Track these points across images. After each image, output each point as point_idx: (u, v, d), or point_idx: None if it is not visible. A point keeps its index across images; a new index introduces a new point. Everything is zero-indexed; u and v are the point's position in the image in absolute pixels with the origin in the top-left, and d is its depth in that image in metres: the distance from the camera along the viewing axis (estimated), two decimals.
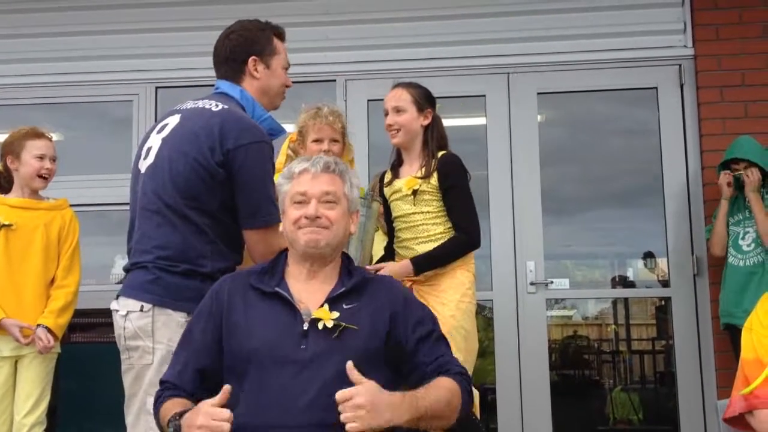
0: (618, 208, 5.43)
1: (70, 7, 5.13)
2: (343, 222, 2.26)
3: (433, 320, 2.29)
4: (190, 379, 2.17)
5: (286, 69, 2.79)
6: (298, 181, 2.26)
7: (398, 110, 3.31)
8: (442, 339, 2.25)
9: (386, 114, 3.36)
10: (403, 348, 2.17)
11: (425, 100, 3.34)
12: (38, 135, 3.77)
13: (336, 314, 2.13)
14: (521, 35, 4.88)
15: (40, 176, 3.71)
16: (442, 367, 2.15)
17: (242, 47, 2.69)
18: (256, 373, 2.09)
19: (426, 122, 3.33)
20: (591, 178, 5.34)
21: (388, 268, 3.12)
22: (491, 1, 4.93)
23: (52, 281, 3.74)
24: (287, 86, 2.79)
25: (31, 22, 5.14)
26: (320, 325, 2.11)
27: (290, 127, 3.44)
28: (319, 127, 3.34)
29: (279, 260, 2.31)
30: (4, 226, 3.65)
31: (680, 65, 4.78)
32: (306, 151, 3.35)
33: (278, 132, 2.72)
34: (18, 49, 5.13)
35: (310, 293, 2.20)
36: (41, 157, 3.71)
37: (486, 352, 4.76)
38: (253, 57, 2.68)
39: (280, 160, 3.49)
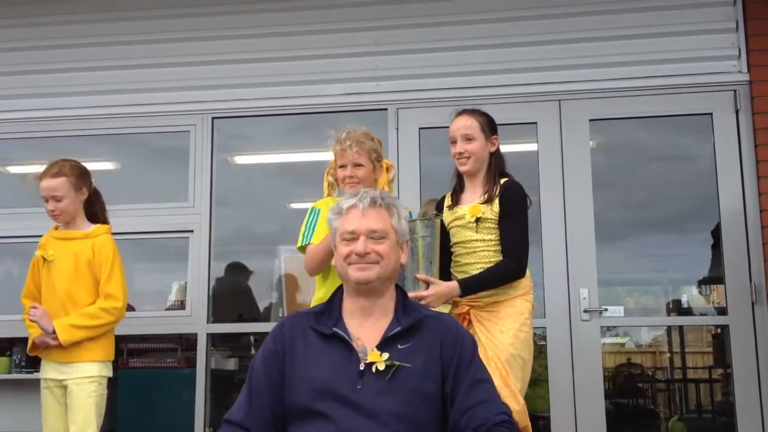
0: (672, 235, 5.37)
1: (128, 42, 5.29)
2: (393, 255, 2.30)
3: (482, 365, 2.29)
4: (259, 417, 2.20)
5: None
6: (347, 218, 2.32)
7: (468, 138, 3.34)
8: (485, 382, 2.23)
9: (453, 142, 3.39)
10: (448, 390, 2.18)
11: (491, 126, 3.39)
12: (40, 177, 3.77)
13: (386, 355, 2.17)
14: (572, 62, 4.88)
15: (52, 217, 3.78)
16: (488, 419, 2.12)
17: None
18: (316, 413, 2.13)
19: (493, 149, 3.37)
20: (644, 204, 5.29)
21: (436, 287, 3.11)
22: (541, 29, 4.95)
23: None
24: None
25: (89, 56, 5.31)
26: (374, 369, 2.16)
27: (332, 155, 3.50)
28: (341, 154, 3.37)
29: (335, 299, 2.35)
30: (44, 259, 3.76)
31: (735, 91, 4.73)
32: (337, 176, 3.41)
33: None
34: (79, 82, 5.30)
35: (367, 329, 2.26)
36: (45, 199, 3.75)
37: (539, 380, 4.73)
38: None
39: (324, 186, 3.55)
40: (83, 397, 3.64)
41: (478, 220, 3.25)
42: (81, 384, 3.65)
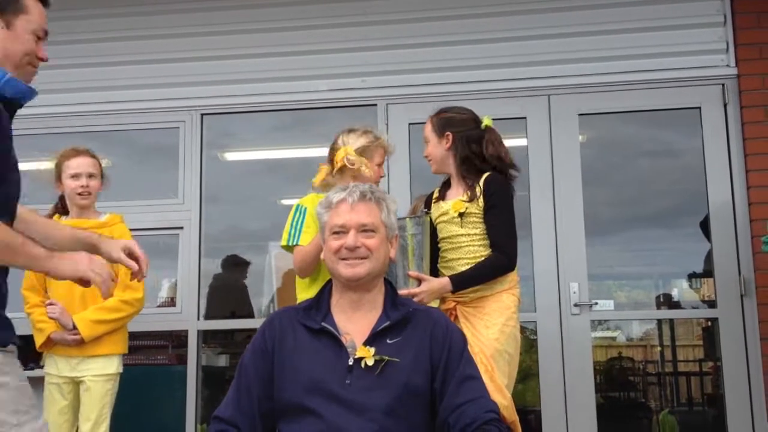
0: (662, 229, 5.38)
1: (117, 38, 5.26)
2: (383, 249, 2.30)
3: (471, 360, 2.29)
4: (248, 413, 2.20)
5: (41, 38, 2.36)
6: (336, 212, 2.31)
7: (426, 141, 3.44)
8: (474, 379, 2.22)
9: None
10: (437, 385, 2.19)
11: (443, 124, 3.39)
12: (73, 154, 3.80)
13: (373, 350, 2.17)
14: (561, 57, 4.89)
15: (79, 194, 3.75)
16: (477, 417, 2.11)
17: None
18: (306, 409, 2.13)
19: (447, 145, 3.36)
20: (634, 199, 5.30)
21: (428, 284, 3.12)
22: (530, 24, 4.95)
23: None
24: (40, 59, 2.39)
25: (78, 53, 5.28)
26: (362, 364, 2.15)
27: (322, 151, 3.49)
28: (379, 152, 3.36)
29: (323, 293, 2.35)
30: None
31: (723, 85, 4.74)
32: (370, 168, 3.31)
33: (25, 95, 2.32)
34: (67, 78, 5.26)
35: (356, 323, 2.25)
36: (76, 176, 3.75)
37: (530, 374, 4.74)
38: None
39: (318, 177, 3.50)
40: (100, 395, 3.64)
41: (461, 215, 3.26)
42: (98, 382, 3.64)
